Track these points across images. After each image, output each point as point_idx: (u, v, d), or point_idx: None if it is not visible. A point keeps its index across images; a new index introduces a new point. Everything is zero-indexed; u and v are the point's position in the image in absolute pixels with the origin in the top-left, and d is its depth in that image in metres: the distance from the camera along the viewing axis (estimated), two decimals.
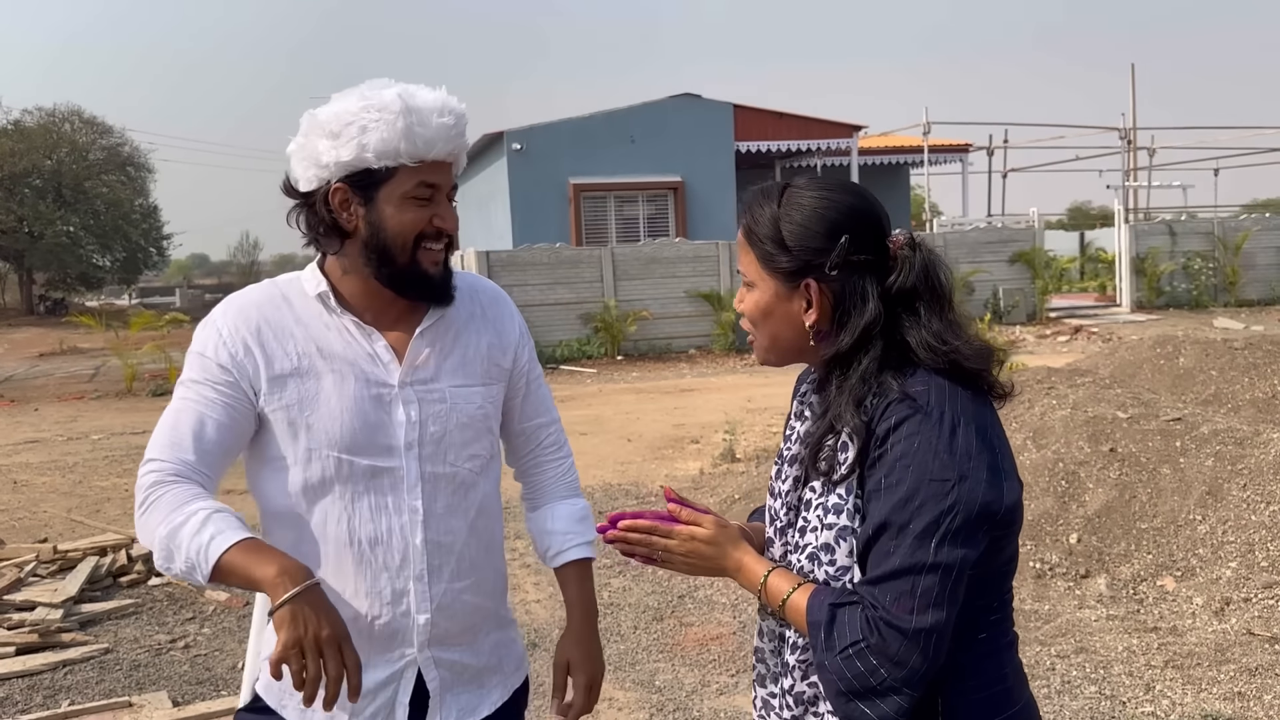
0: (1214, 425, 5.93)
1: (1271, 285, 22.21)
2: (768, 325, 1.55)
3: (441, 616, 1.74)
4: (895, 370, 1.46)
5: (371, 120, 1.59)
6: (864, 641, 1.36)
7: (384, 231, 1.65)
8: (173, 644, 4.93)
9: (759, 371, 15.42)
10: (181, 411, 1.64)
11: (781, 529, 1.58)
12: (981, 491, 1.38)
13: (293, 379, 1.67)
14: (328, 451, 1.67)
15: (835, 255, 1.47)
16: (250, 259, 56.51)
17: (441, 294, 1.73)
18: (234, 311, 1.71)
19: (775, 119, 22.77)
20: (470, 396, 1.77)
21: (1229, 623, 4.47)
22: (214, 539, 1.49)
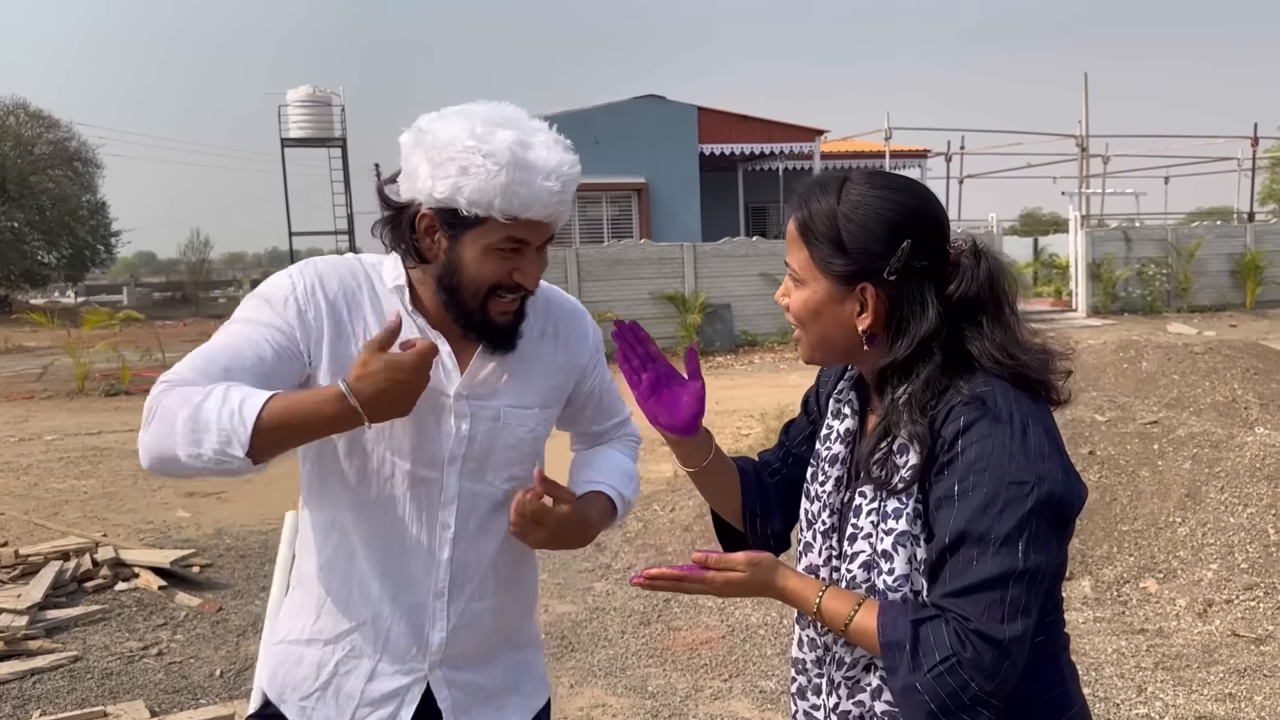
0: (1190, 428, 6.00)
1: (1222, 291, 22.69)
2: (816, 326, 1.49)
3: (457, 636, 1.69)
4: (955, 374, 1.41)
5: (474, 164, 1.49)
6: (955, 657, 1.31)
7: (460, 274, 1.58)
8: (145, 651, 4.79)
9: (724, 373, 15.44)
10: (218, 343, 1.53)
11: (824, 533, 1.53)
12: (1059, 493, 1.35)
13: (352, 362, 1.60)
14: (372, 447, 1.62)
15: (896, 260, 1.41)
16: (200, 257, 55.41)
17: (504, 343, 1.66)
18: (316, 273, 1.63)
19: (739, 122, 22.84)
20: (523, 419, 1.71)
21: (1213, 624, 4.51)
22: (246, 399, 1.41)
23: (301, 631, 1.71)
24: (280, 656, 1.73)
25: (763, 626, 4.80)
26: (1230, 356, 9.26)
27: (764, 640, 4.65)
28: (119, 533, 6.83)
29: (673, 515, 6.63)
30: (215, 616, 5.24)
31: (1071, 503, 1.37)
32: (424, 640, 1.67)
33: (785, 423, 1.80)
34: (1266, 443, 5.64)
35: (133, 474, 8.90)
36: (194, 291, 45.08)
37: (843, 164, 25.69)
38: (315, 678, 1.69)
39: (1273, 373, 9.08)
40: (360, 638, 1.67)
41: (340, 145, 30.76)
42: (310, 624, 1.70)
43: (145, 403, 1.47)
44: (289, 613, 1.76)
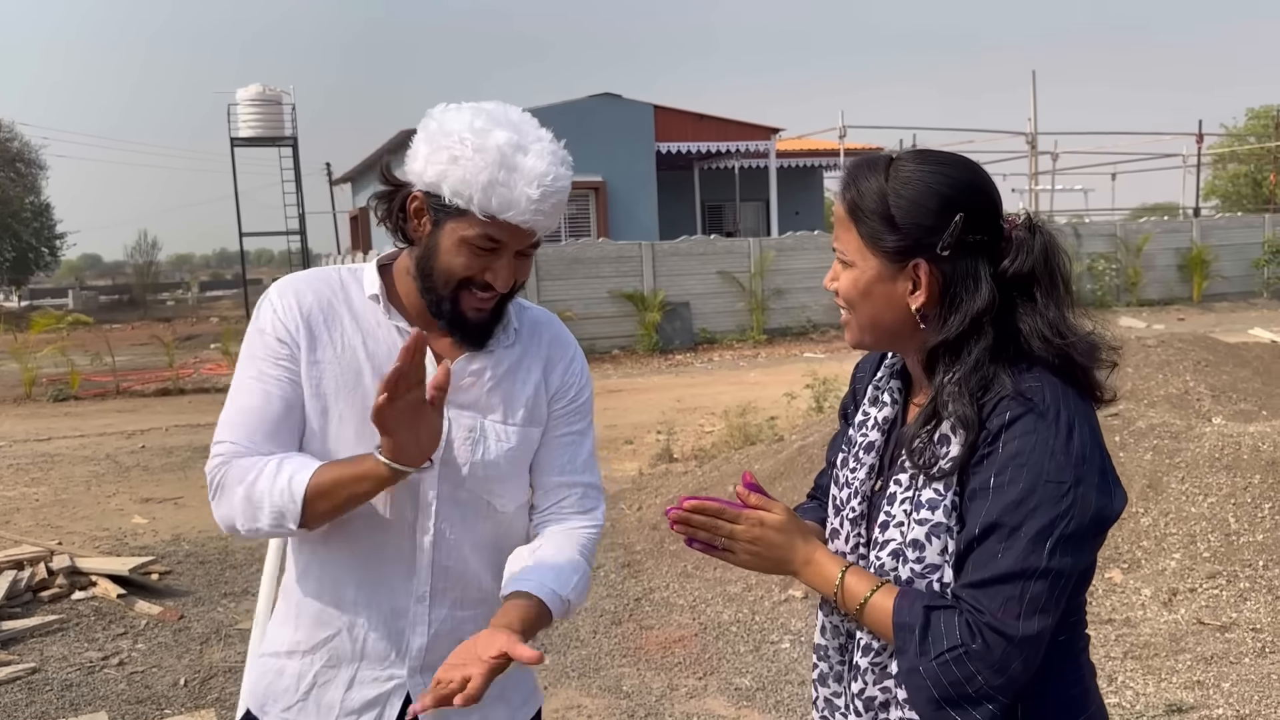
0: (1150, 420, 6.09)
1: (1170, 286, 23.12)
2: (867, 306, 1.44)
3: (439, 642, 1.65)
4: (1007, 363, 1.38)
5: (464, 155, 1.50)
6: (963, 647, 1.30)
7: (434, 259, 1.59)
8: (105, 661, 4.67)
9: (685, 371, 15.45)
10: (244, 390, 1.61)
11: (853, 520, 1.51)
12: (1095, 497, 1.32)
13: (332, 368, 1.62)
14: (354, 449, 1.59)
15: (949, 234, 1.38)
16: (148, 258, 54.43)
17: (472, 338, 1.66)
18: (289, 289, 1.66)
19: (695, 120, 22.87)
20: (505, 434, 1.69)
21: (1178, 613, 4.58)
22: (294, 475, 1.51)
23: (283, 643, 1.70)
24: (263, 669, 1.73)
25: (735, 624, 4.80)
26: (1182, 349, 9.43)
27: (737, 638, 4.64)
28: (74, 540, 6.67)
29: (640, 514, 6.62)
30: (177, 624, 5.13)
31: (1107, 510, 1.35)
32: (404, 645, 1.65)
33: (830, 439, 1.76)
34: (1224, 433, 5.74)
35: (85, 480, 8.71)
36: (142, 294, 44.32)
37: (798, 163, 25.89)
38: (296, 689, 1.68)
39: (1222, 364, 9.26)
40: (338, 645, 1.66)
41: (291, 144, 30.38)
42: (290, 635, 1.69)
43: (207, 473, 1.59)
44: (274, 625, 1.75)
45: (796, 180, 26.34)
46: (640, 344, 17.92)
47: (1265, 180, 38.20)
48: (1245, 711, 3.67)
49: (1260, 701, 3.73)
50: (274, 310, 1.64)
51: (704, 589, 5.23)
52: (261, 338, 1.63)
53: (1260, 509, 5.09)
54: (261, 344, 1.62)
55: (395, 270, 1.69)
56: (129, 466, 9.33)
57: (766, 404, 9.83)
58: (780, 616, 4.85)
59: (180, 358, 16.89)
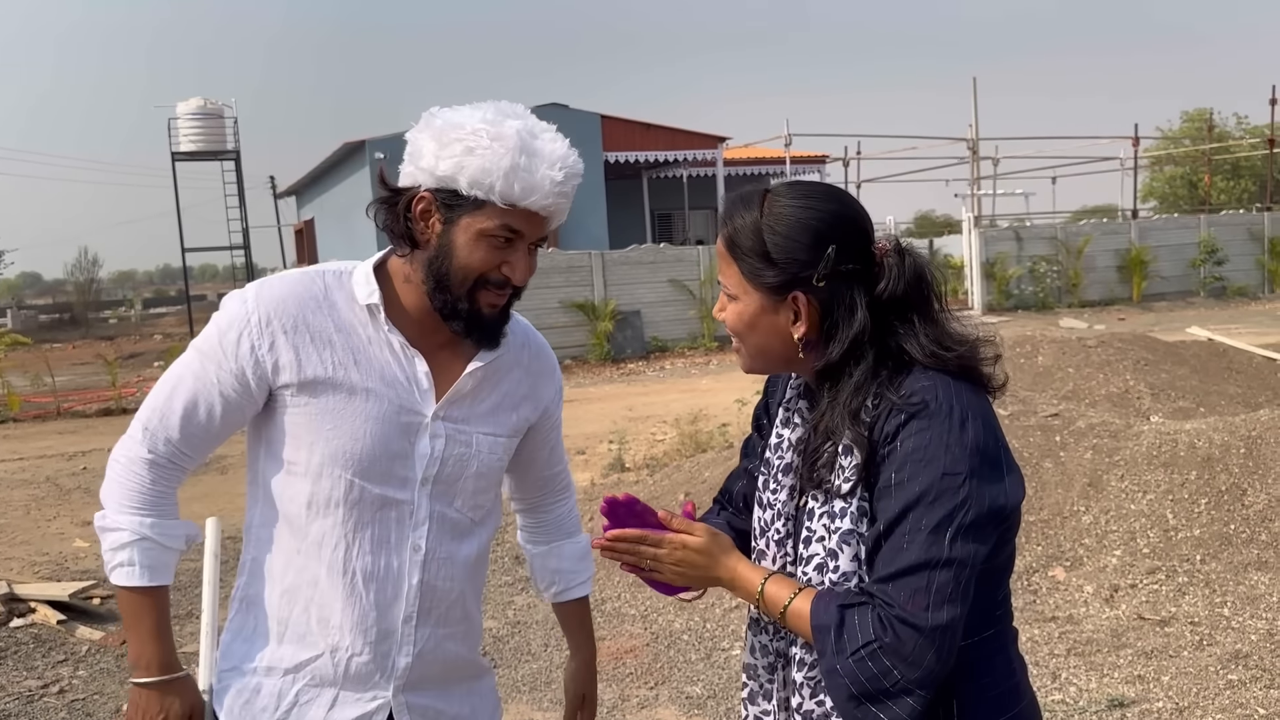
0: (1089, 419, 6.21)
1: (1110, 287, 23.60)
2: (754, 337, 1.51)
3: (422, 661, 1.67)
4: (890, 375, 1.43)
5: (481, 145, 1.50)
6: (877, 642, 1.33)
7: (450, 259, 1.56)
8: (45, 690, 4.57)
9: (637, 380, 15.48)
10: (181, 383, 1.60)
11: (779, 540, 1.53)
12: (991, 487, 1.37)
13: (322, 387, 1.58)
14: (340, 471, 1.59)
15: (823, 267, 1.43)
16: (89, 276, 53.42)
17: (489, 337, 1.65)
18: (272, 300, 1.59)
19: (643, 130, 22.97)
20: (494, 447, 1.71)
21: (1120, 609, 4.67)
22: (117, 570, 1.60)
23: (259, 659, 1.66)
24: (239, 687, 1.67)
25: (686, 632, 4.81)
26: (1121, 349, 9.63)
27: (688, 646, 4.65)
28: (11, 566, 6.52)
29: (591, 524, 6.61)
30: (119, 650, 5.03)
31: (1003, 499, 1.39)
32: (389, 665, 1.65)
33: (744, 441, 1.80)
34: (1162, 431, 5.87)
35: (25, 504, 8.52)
36: (83, 312, 43.48)
37: (745, 170, 26.07)
38: (275, 708, 1.65)
39: (1161, 363, 9.48)
40: (321, 667, 1.64)
41: (234, 158, 30.01)
42: (270, 652, 1.66)
43: (123, 454, 1.63)
44: (241, 638, 1.70)
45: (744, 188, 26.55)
46: (592, 353, 17.92)
47: (1200, 182, 39.16)
48: (1184, 704, 3.75)
49: (1199, 694, 3.81)
50: (247, 320, 1.58)
51: (655, 598, 5.24)
52: (220, 338, 1.58)
53: (1197, 504, 5.21)
54: (217, 344, 1.58)
55: (392, 273, 1.64)
56: (70, 489, 9.13)
57: (718, 411, 9.87)
58: (731, 624, 4.87)
59: (123, 376, 16.56)
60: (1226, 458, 5.40)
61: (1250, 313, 20.96)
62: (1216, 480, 5.29)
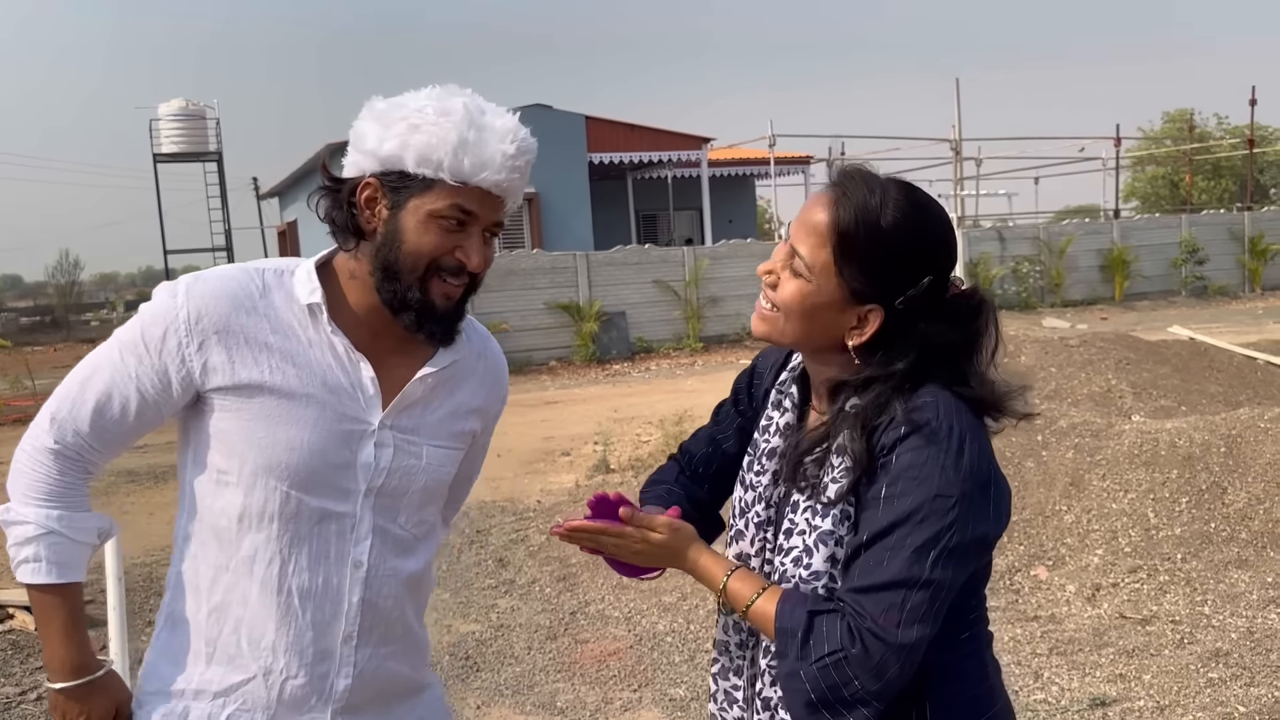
0: (1071, 419, 6.23)
1: (1092, 286, 23.71)
2: (803, 322, 1.43)
3: (362, 683, 1.59)
4: (905, 390, 1.40)
5: (426, 121, 1.43)
6: (843, 652, 1.33)
7: (398, 245, 1.47)
8: (23, 696, 4.53)
9: (622, 381, 15.46)
10: (97, 374, 1.51)
11: (759, 524, 1.52)
12: (979, 515, 1.35)
13: (257, 392, 1.48)
14: (275, 483, 1.49)
15: (913, 292, 1.39)
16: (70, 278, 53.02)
17: (442, 331, 1.55)
18: (203, 296, 1.49)
19: (627, 131, 22.95)
20: (444, 460, 1.63)
21: (1101, 608, 4.69)
22: (23, 566, 1.52)
23: (187, 681, 1.56)
24: (163, 710, 1.57)
25: (670, 634, 4.80)
26: (1103, 348, 9.67)
27: (672, 648, 4.64)
28: None
29: None
30: (99, 655, 4.99)
31: (989, 529, 1.38)
32: (328, 688, 1.56)
33: (717, 406, 1.76)
34: (1143, 430, 5.90)
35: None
36: (64, 315, 43.14)
37: (730, 171, 26.09)
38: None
39: (1143, 362, 9.52)
40: (253, 690, 1.54)
41: (216, 159, 29.87)
42: (199, 673, 1.56)
43: (33, 444, 1.54)
44: (166, 656, 1.59)
45: (729, 189, 26.55)
46: (577, 354, 17.89)
47: (1181, 182, 39.41)
48: (1165, 702, 3.76)
49: (1180, 692, 3.82)
50: (175, 317, 1.48)
51: (639, 600, 5.23)
52: (143, 330, 1.49)
53: (1178, 503, 5.23)
54: (140, 335, 1.49)
55: (337, 270, 1.56)
56: None
57: (703, 411, 9.84)
58: (714, 627, 4.86)
59: None
60: (1207, 456, 5.43)
61: (1231, 311, 21.10)
62: (1197, 479, 5.32)
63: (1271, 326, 17.08)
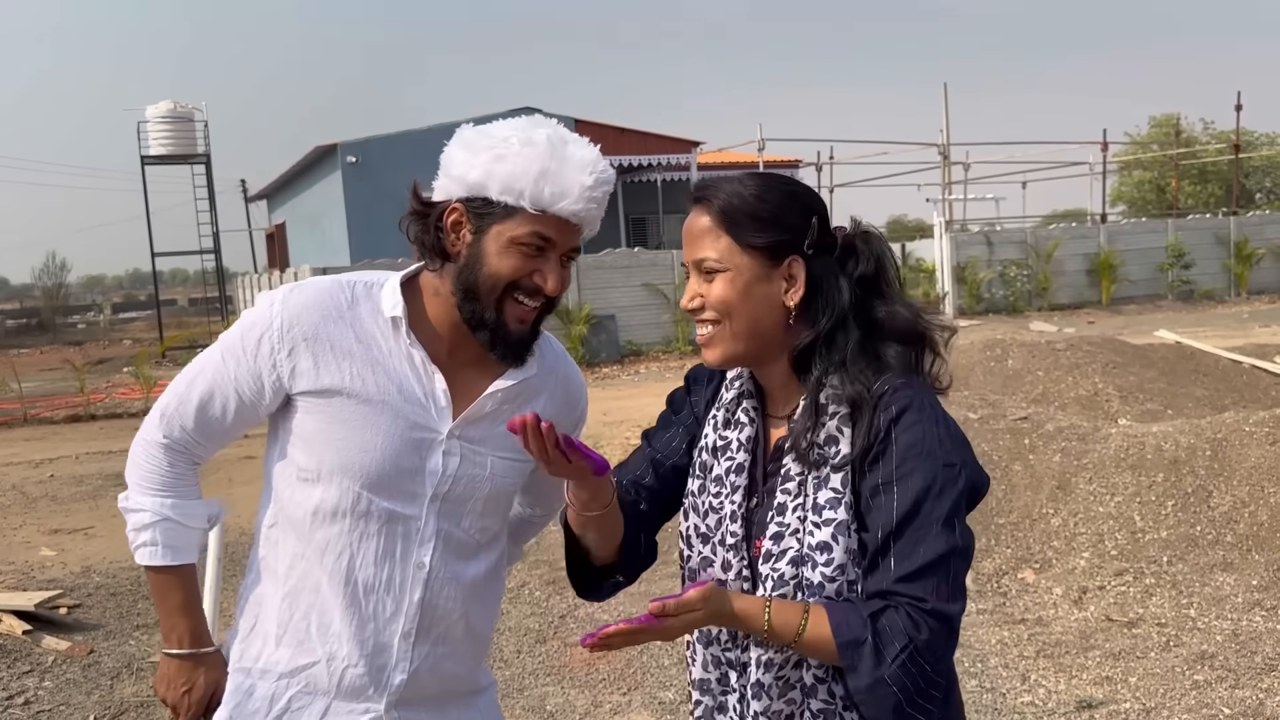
0: (1058, 422, 6.27)
1: (1080, 290, 23.83)
2: (746, 309, 1.47)
3: (417, 679, 1.66)
4: (872, 360, 1.47)
5: (511, 151, 1.51)
6: (912, 642, 1.35)
7: (480, 268, 1.55)
8: (10, 701, 4.51)
9: (612, 384, 15.47)
10: (201, 374, 1.64)
11: (734, 545, 1.51)
12: (976, 476, 1.44)
13: (338, 396, 1.58)
14: (349, 483, 1.58)
15: (811, 234, 1.48)
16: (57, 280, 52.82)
17: (514, 352, 1.62)
18: (297, 306, 1.61)
19: (616, 134, 22.99)
20: (508, 471, 1.68)
21: (1088, 610, 4.72)
22: (141, 549, 1.66)
23: (256, 659, 1.67)
24: (234, 685, 1.69)
25: None
26: (1090, 352, 9.73)
27: (661, 651, 4.65)
28: None
29: None
30: (86, 660, 4.97)
31: (982, 486, 1.46)
32: (384, 681, 1.64)
33: (645, 432, 1.73)
34: (1129, 434, 5.93)
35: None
36: (51, 317, 42.96)
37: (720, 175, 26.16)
38: (267, 712, 1.65)
39: (1130, 366, 9.58)
40: (316, 674, 1.63)
41: (204, 162, 29.77)
42: (268, 654, 1.66)
43: (152, 435, 1.68)
44: (241, 635, 1.71)
45: None
46: None
47: (1168, 186, 39.62)
48: (1151, 704, 3.79)
49: (1165, 694, 3.85)
50: (270, 324, 1.60)
51: (629, 603, 5.23)
52: (243, 337, 1.61)
53: (1164, 506, 5.27)
54: (240, 341, 1.61)
55: (422, 287, 1.64)
56: (36, 497, 9.02)
57: None
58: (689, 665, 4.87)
59: (92, 382, 16.38)
60: (1193, 460, 5.47)
61: (1217, 315, 21.22)
62: (1183, 482, 5.36)
63: (1257, 330, 17.18)
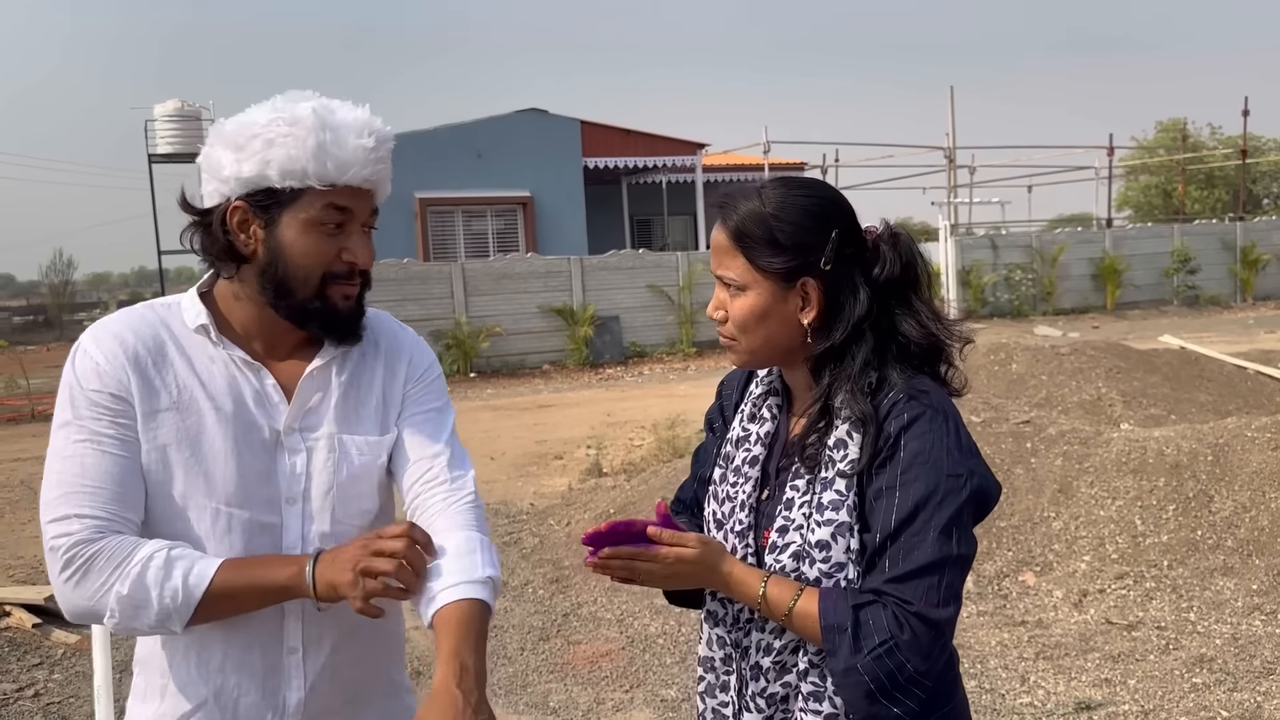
0: (1060, 426, 6.29)
1: (1084, 294, 23.82)
2: (763, 328, 1.52)
3: (317, 692, 1.56)
4: (891, 365, 1.49)
5: (279, 134, 1.43)
6: (894, 639, 1.39)
7: (284, 260, 1.48)
8: (20, 693, 4.56)
9: (615, 385, 15.50)
10: (79, 456, 1.43)
11: (740, 532, 1.57)
12: (985, 486, 1.46)
13: (170, 415, 1.48)
14: (205, 500, 1.48)
15: (829, 250, 1.49)
16: (63, 278, 52.88)
17: (348, 331, 1.56)
18: (108, 337, 1.50)
19: (622, 136, 23.01)
20: (363, 448, 1.58)
21: (1088, 613, 4.74)
22: (189, 576, 1.40)
23: (150, 718, 1.54)
24: None
25: (662, 636, 4.84)
26: (1094, 357, 9.74)
27: (663, 650, 4.69)
28: None
29: (569, 529, 6.64)
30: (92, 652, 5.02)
31: (993, 495, 1.49)
32: (280, 702, 1.53)
33: (695, 451, 1.81)
34: (1131, 438, 5.96)
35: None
36: (57, 314, 43.06)
37: (724, 177, 26.18)
38: None
39: (1134, 371, 9.60)
40: (207, 715, 1.52)
41: None
42: (156, 708, 1.54)
43: (58, 550, 1.40)
44: (135, 702, 1.59)
45: None
46: (571, 358, 17.93)
47: (1175, 191, 39.57)
48: (1149, 707, 3.82)
49: (1164, 697, 3.88)
50: (96, 363, 1.47)
51: (631, 602, 5.27)
52: (87, 396, 1.46)
53: (1165, 511, 5.29)
54: (88, 402, 1.45)
55: (218, 297, 1.57)
56: None
57: (695, 416, 9.91)
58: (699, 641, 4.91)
59: None
60: (1194, 465, 5.49)
61: (1222, 321, 21.22)
62: (1184, 487, 5.38)
63: (1262, 336, 17.19)
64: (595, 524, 1.56)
